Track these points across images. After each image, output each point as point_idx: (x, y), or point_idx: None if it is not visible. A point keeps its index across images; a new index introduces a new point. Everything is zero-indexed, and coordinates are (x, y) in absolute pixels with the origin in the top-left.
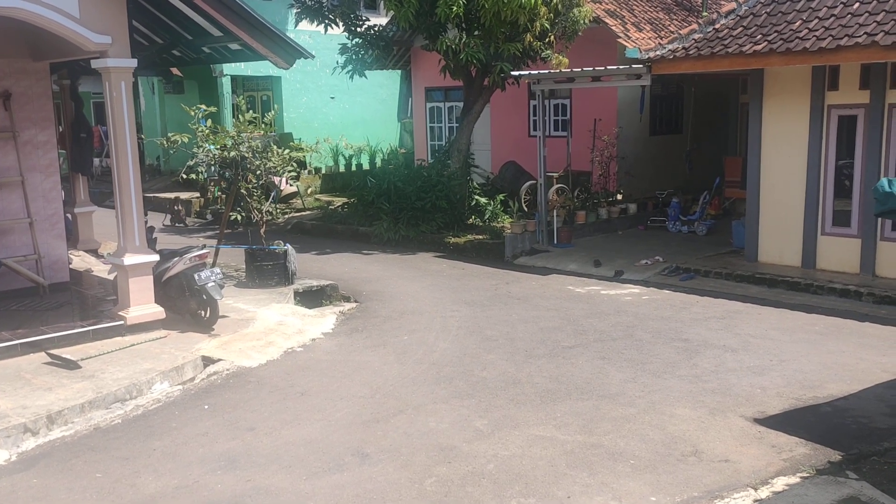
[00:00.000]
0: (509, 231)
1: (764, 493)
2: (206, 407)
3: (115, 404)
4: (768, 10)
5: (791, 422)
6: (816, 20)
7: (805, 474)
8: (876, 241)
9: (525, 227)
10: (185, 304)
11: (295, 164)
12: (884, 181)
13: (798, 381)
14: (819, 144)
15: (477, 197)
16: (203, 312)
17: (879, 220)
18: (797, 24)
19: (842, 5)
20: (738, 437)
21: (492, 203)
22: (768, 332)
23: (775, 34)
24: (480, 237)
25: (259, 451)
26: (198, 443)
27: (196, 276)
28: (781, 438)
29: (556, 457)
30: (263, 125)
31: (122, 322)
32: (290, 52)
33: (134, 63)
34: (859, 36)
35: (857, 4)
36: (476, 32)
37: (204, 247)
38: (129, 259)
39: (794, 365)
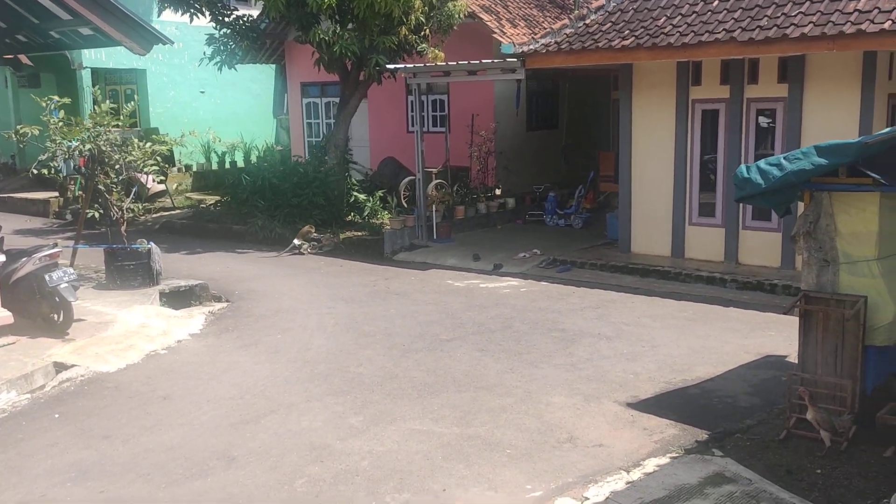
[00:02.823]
0: (388, 227)
1: (636, 474)
2: (57, 416)
3: None
4: (635, 6)
5: (662, 405)
6: (680, 17)
7: (674, 454)
8: (738, 230)
9: (404, 222)
10: (37, 308)
11: (159, 159)
12: (742, 168)
13: (668, 365)
14: (685, 137)
15: (356, 193)
16: (56, 316)
17: (741, 209)
18: (662, 20)
19: (702, 3)
20: (612, 422)
21: (371, 199)
22: (640, 319)
23: (642, 30)
24: (359, 234)
25: (114, 459)
26: (46, 454)
27: (47, 277)
28: (653, 421)
29: (432, 450)
30: (122, 117)
31: None
32: (146, 38)
33: None
34: (719, 32)
35: (716, 2)
36: (350, 25)
37: (55, 245)
38: None
39: (664, 350)
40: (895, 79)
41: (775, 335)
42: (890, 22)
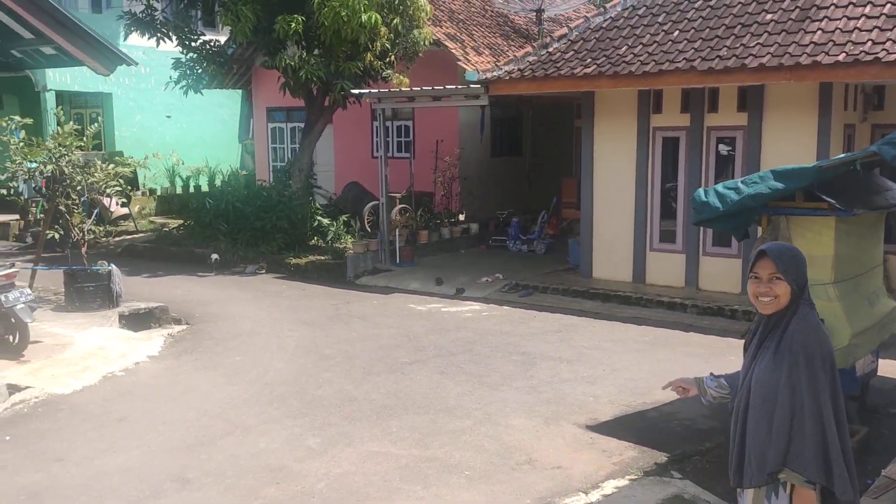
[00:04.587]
0: (351, 251)
1: (594, 496)
2: (8, 438)
3: None
4: (597, 35)
5: (621, 427)
6: (641, 46)
7: (633, 476)
8: (699, 255)
9: (367, 246)
10: None
11: (122, 182)
12: (700, 191)
13: (629, 388)
14: (645, 164)
15: (319, 218)
16: (11, 337)
17: (702, 235)
18: (623, 49)
19: (663, 33)
20: (571, 444)
21: (334, 224)
22: (601, 343)
23: (604, 58)
24: (322, 258)
25: (67, 482)
26: None
27: (3, 298)
28: (612, 443)
29: (389, 471)
30: (86, 139)
31: None
32: (109, 58)
33: None
34: (679, 61)
35: (676, 32)
36: (316, 50)
37: (12, 265)
38: None
39: (625, 374)
40: (850, 109)
41: (735, 360)
42: (844, 54)
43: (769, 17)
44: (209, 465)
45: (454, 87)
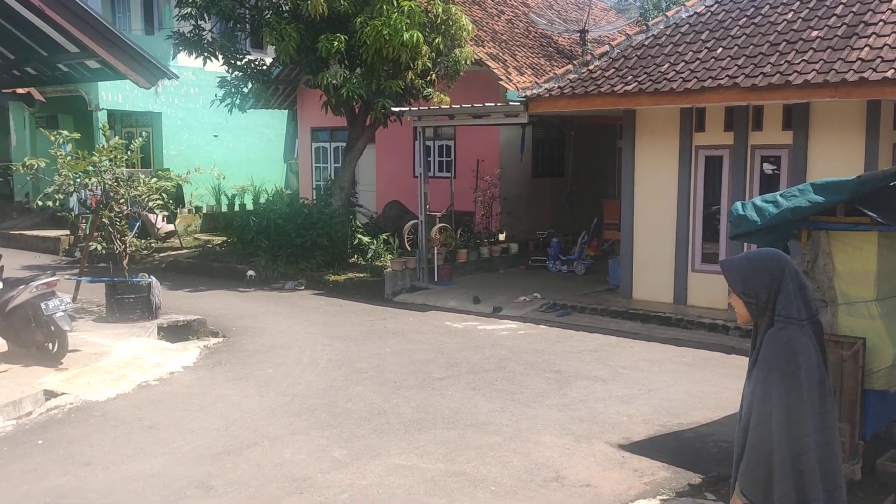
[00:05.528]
0: (390, 269)
1: None
2: (41, 442)
3: None
4: (638, 53)
5: (654, 447)
6: (683, 63)
7: (665, 497)
8: None
9: (405, 264)
10: (31, 336)
11: (165, 196)
12: (738, 205)
13: (664, 408)
14: (688, 183)
15: (359, 235)
16: (51, 345)
17: None
18: (665, 66)
19: (706, 50)
20: (602, 463)
21: (374, 242)
22: (638, 363)
23: (645, 76)
24: (361, 275)
25: (92, 486)
26: (23, 479)
27: (43, 306)
28: (644, 463)
29: (414, 485)
30: (132, 152)
31: None
32: (151, 71)
33: None
34: (722, 78)
35: (720, 49)
36: (358, 69)
37: (53, 274)
38: None
39: (661, 394)
40: None
41: None
42: (893, 70)
43: (815, 33)
44: (233, 474)
45: (493, 104)
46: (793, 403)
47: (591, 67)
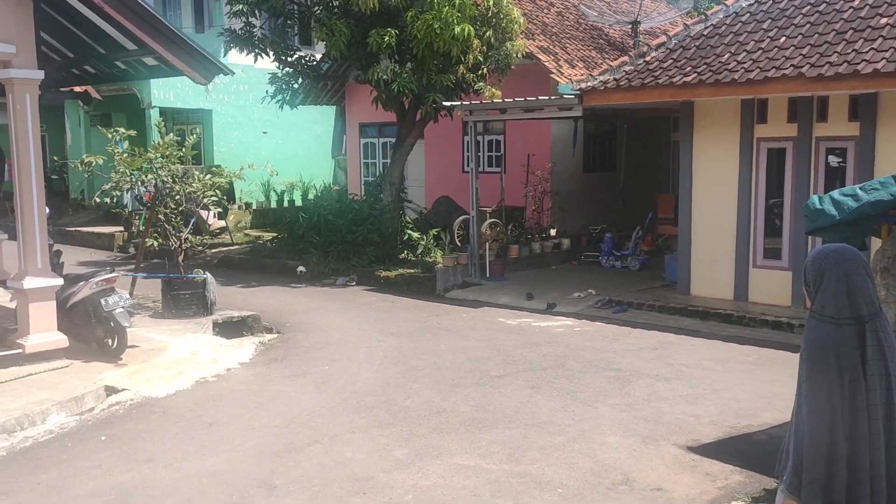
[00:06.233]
0: (441, 265)
1: None
2: (104, 438)
3: (1, 436)
4: (697, 43)
5: (725, 450)
6: (744, 53)
7: (740, 502)
8: None
9: (457, 260)
10: (91, 332)
11: (218, 192)
12: (814, 198)
13: (732, 409)
14: (749, 176)
15: (410, 231)
16: (110, 341)
17: (809, 250)
18: (726, 56)
19: (769, 39)
20: (671, 466)
21: (424, 237)
22: (701, 362)
23: (704, 66)
24: (412, 271)
25: (156, 483)
26: (88, 475)
27: (103, 302)
28: (716, 466)
29: (479, 486)
30: (185, 149)
31: (19, 351)
32: (207, 67)
33: (40, 75)
34: (786, 68)
35: (783, 38)
36: (409, 64)
37: (112, 270)
38: (30, 283)
39: (727, 394)
40: None
41: None
42: None
43: (884, 20)
44: (296, 473)
45: (547, 97)
46: (819, 396)
47: (647, 59)
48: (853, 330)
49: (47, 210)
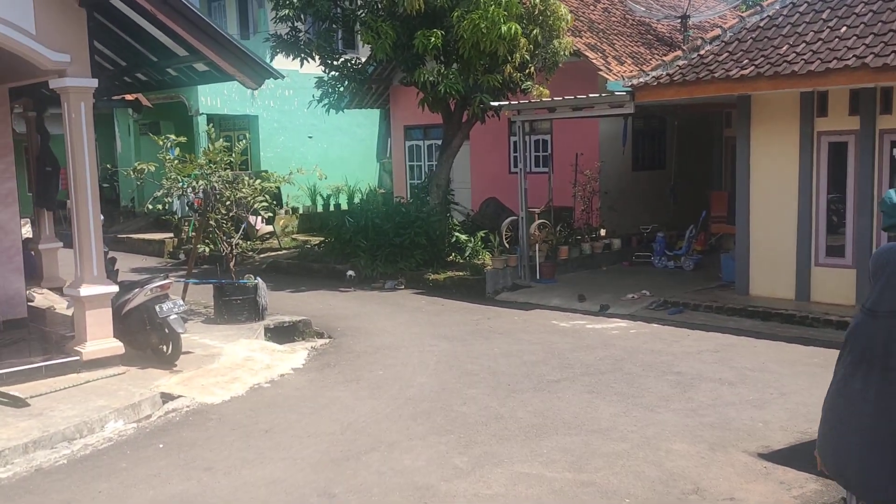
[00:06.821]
0: (490, 267)
1: None
2: (161, 446)
3: (62, 444)
4: (754, 35)
5: (798, 457)
6: (804, 44)
7: None
8: None
9: (506, 262)
10: (146, 339)
11: (267, 197)
12: (891, 193)
13: (802, 414)
14: (809, 172)
15: (457, 234)
16: (165, 347)
17: (876, 248)
18: (784, 48)
19: (829, 29)
20: (743, 474)
21: (472, 240)
22: (766, 364)
23: (762, 58)
24: (461, 274)
25: (216, 492)
26: (148, 484)
27: (157, 308)
28: (789, 474)
29: (543, 495)
30: (234, 155)
31: (77, 358)
32: (258, 71)
33: (94, 83)
34: (848, 59)
35: (844, 28)
36: (455, 64)
37: (166, 277)
38: (86, 290)
39: (796, 398)
40: None
41: None
42: None
43: None
44: (354, 481)
45: (596, 95)
46: (834, 380)
47: (702, 52)
48: (888, 322)
49: (101, 217)
